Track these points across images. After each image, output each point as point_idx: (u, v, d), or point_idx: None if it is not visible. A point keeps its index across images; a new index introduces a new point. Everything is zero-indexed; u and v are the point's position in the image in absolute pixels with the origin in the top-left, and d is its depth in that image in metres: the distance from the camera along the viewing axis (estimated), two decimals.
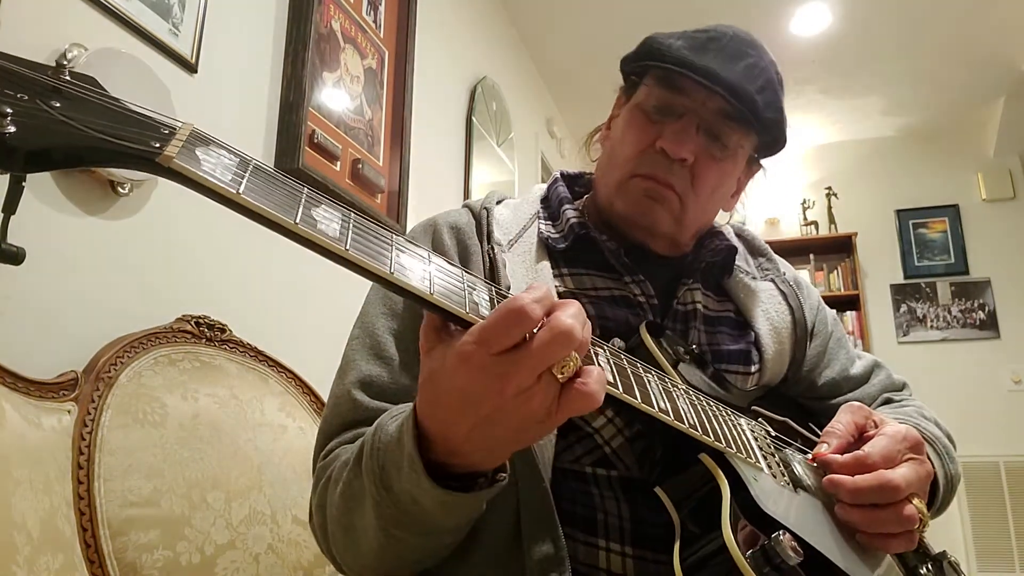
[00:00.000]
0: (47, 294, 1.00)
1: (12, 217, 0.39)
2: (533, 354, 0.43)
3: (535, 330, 0.43)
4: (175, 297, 1.20)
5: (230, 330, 1.21)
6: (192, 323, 1.15)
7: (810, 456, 0.70)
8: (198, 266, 1.28)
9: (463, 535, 0.61)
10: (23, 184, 0.39)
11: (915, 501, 0.63)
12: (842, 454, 0.66)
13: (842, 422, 0.70)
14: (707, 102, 0.75)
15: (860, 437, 0.69)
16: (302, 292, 1.57)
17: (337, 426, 0.70)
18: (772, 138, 0.80)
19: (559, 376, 0.45)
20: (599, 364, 0.51)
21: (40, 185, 1.01)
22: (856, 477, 0.62)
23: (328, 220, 0.41)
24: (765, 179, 0.89)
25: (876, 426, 0.70)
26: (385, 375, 0.70)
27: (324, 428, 0.72)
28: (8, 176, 0.39)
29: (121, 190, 1.11)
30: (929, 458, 0.70)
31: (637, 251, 0.80)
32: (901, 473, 0.63)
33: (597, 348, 0.53)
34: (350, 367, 0.72)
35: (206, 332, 1.16)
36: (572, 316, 0.44)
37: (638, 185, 0.77)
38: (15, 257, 0.39)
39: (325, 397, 1.28)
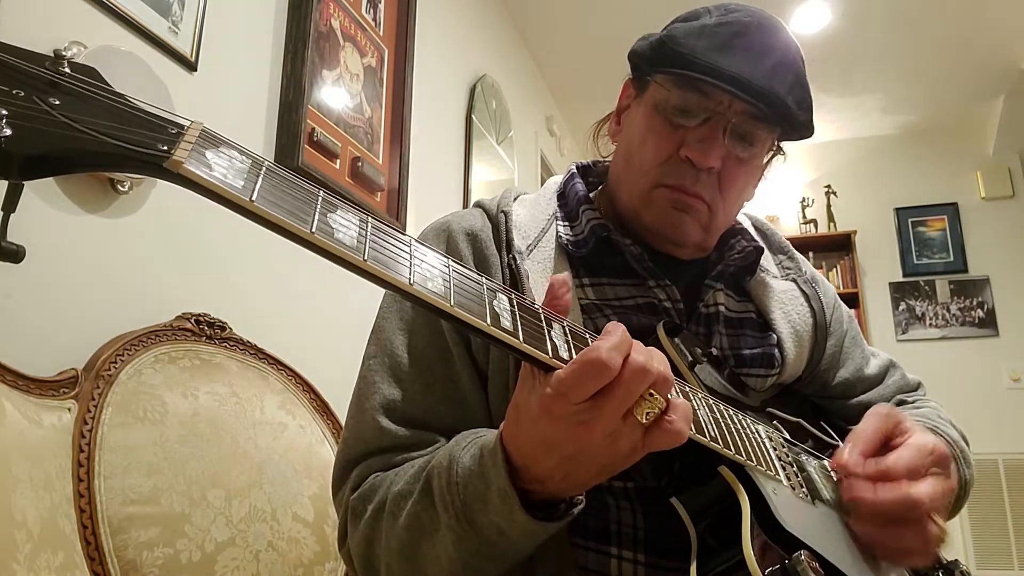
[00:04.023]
0: (47, 292, 1.00)
1: (12, 215, 0.39)
2: (616, 398, 0.44)
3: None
4: (175, 295, 1.20)
5: (230, 328, 1.21)
6: (192, 321, 1.15)
7: (829, 462, 0.68)
8: (198, 264, 1.28)
9: None
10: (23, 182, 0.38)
11: (935, 517, 0.60)
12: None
13: (869, 427, 0.66)
14: (733, 104, 0.70)
15: (886, 444, 0.66)
16: (302, 290, 1.57)
17: (360, 452, 0.67)
18: (800, 134, 0.76)
19: (643, 421, 0.45)
20: None
21: (40, 183, 1.01)
22: (878, 493, 0.60)
23: (345, 227, 0.39)
24: (784, 162, 0.84)
25: (903, 434, 0.66)
26: (408, 398, 0.67)
27: (346, 453, 0.68)
28: None
29: (121, 188, 1.11)
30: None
31: (660, 254, 0.78)
32: (924, 489, 0.60)
33: None
34: (371, 390, 0.69)
35: (206, 330, 1.16)
36: (644, 354, 0.45)
37: (664, 196, 0.73)
38: (15, 255, 0.39)
39: (325, 395, 1.30)
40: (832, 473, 0.70)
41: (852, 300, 4.19)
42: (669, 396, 0.46)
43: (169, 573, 0.91)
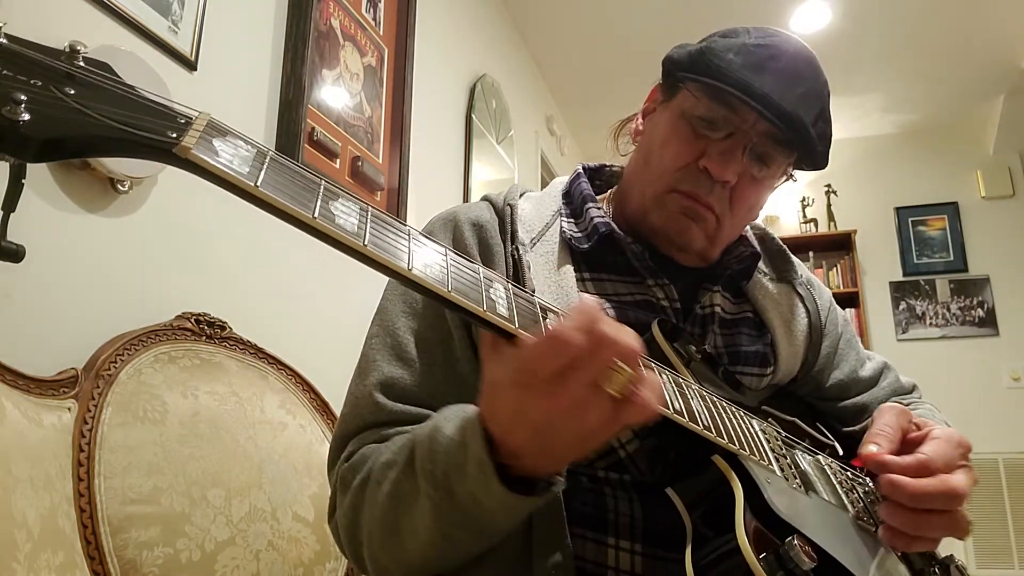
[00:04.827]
0: (47, 292, 1.00)
1: (12, 214, 0.39)
2: (579, 368, 0.44)
3: None
4: (175, 294, 1.20)
5: (230, 327, 1.21)
6: (192, 320, 1.15)
7: (858, 457, 0.67)
8: (198, 264, 1.28)
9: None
10: (23, 181, 0.38)
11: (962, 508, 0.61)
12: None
13: (890, 425, 0.66)
14: (757, 124, 0.72)
15: (904, 440, 0.66)
16: (302, 290, 1.57)
17: (356, 427, 0.68)
18: (814, 164, 0.78)
19: (611, 392, 0.45)
20: None
21: (40, 182, 1.01)
22: (920, 480, 0.59)
23: (346, 214, 0.41)
24: (792, 184, 0.86)
25: (918, 428, 0.67)
26: (407, 378, 0.69)
27: (342, 428, 0.70)
28: (8, 173, 0.38)
29: (121, 188, 1.11)
30: None
31: (661, 256, 0.79)
32: (961, 479, 0.60)
33: None
34: (371, 367, 0.70)
35: (206, 330, 1.16)
36: (612, 327, 0.45)
37: (676, 201, 0.75)
38: (15, 255, 0.39)
39: (325, 394, 1.30)
40: (827, 468, 0.71)
41: (852, 300, 4.19)
42: (638, 370, 0.46)
43: (169, 573, 0.91)
